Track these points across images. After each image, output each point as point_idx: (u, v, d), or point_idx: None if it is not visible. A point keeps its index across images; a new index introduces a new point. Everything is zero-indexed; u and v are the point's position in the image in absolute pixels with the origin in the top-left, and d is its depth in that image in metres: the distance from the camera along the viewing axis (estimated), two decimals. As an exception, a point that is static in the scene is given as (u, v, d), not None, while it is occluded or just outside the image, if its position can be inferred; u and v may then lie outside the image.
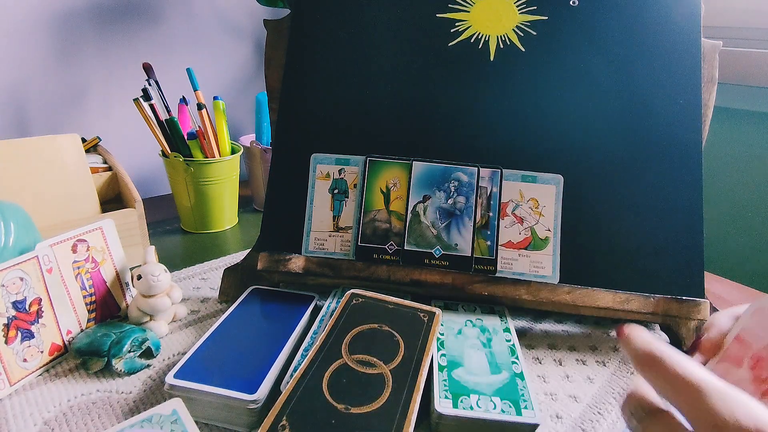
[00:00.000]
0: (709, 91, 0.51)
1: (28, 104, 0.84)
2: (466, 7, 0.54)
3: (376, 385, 0.37)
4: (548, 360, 0.48)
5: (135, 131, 0.93)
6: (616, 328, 0.26)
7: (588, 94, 0.52)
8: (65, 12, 0.83)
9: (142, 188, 0.98)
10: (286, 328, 0.46)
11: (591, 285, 0.49)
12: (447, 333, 0.46)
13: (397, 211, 0.52)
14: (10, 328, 0.41)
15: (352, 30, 0.54)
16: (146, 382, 0.43)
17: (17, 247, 0.44)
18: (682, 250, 0.49)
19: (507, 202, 0.51)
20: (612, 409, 0.42)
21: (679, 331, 0.49)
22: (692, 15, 0.52)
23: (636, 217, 0.50)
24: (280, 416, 0.34)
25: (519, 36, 0.53)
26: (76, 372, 0.44)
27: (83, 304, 0.47)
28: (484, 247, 0.50)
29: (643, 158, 0.51)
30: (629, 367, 0.47)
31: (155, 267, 0.48)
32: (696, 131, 0.51)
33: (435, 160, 0.52)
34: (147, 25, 0.92)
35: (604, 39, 0.52)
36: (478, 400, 0.38)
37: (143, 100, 0.67)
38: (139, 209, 0.62)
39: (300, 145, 0.53)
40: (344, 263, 0.51)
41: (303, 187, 0.53)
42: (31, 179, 0.58)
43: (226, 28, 1.02)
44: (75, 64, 0.86)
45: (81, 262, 0.48)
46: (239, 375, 0.39)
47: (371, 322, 0.44)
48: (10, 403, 0.40)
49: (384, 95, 0.53)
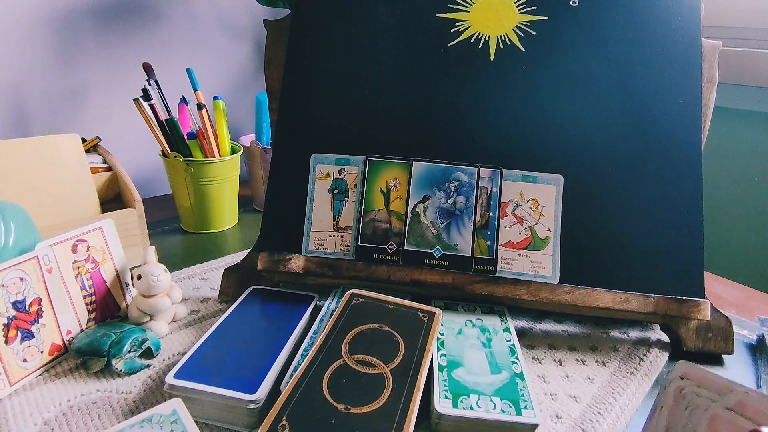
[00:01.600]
0: (709, 91, 0.51)
1: (28, 104, 0.84)
2: (466, 7, 0.54)
3: (376, 385, 0.37)
4: (548, 360, 0.48)
5: (135, 131, 0.93)
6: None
7: (588, 94, 0.52)
8: (65, 12, 0.83)
9: (142, 188, 0.98)
10: (286, 328, 0.46)
11: (591, 285, 0.49)
12: (447, 333, 0.46)
13: (397, 211, 0.52)
14: (10, 328, 0.41)
15: (352, 30, 0.54)
16: (146, 382, 0.43)
17: (17, 247, 0.44)
18: (682, 250, 0.49)
19: (507, 202, 0.51)
20: (612, 409, 0.42)
21: (679, 331, 0.49)
22: (692, 15, 0.52)
23: (636, 217, 0.50)
24: (280, 416, 0.34)
25: (519, 36, 0.53)
26: (76, 372, 0.44)
27: (83, 304, 0.47)
28: (484, 247, 0.50)
29: (643, 158, 0.51)
30: (629, 367, 0.47)
31: (155, 267, 0.48)
32: (696, 131, 0.51)
33: (435, 160, 0.52)
34: (147, 25, 0.92)
35: (604, 39, 0.52)
36: (478, 400, 0.38)
37: (143, 100, 0.67)
38: (139, 209, 0.62)
39: (300, 145, 0.53)
40: (344, 263, 0.51)
41: (303, 187, 0.53)
42: (31, 179, 0.58)
43: (226, 28, 1.02)
44: (75, 64, 0.86)
45: (81, 262, 0.48)
46: (239, 375, 0.39)
47: (371, 322, 0.44)
48: (10, 403, 0.40)
49: (384, 95, 0.53)
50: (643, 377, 0.46)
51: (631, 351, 0.50)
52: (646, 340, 0.52)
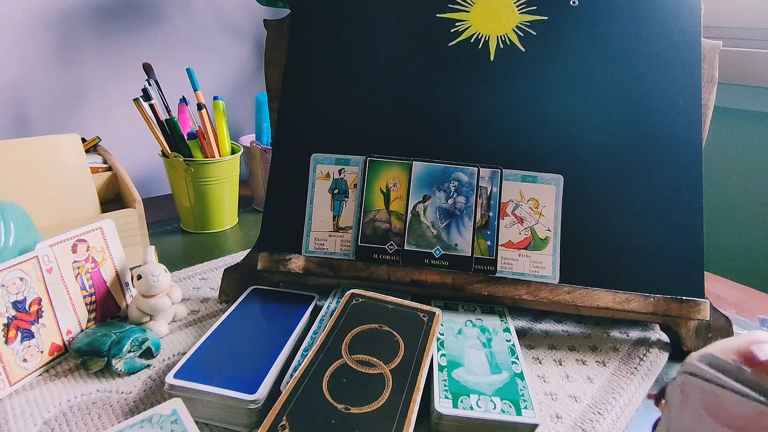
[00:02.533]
0: (709, 91, 0.52)
1: (28, 104, 0.84)
2: (466, 7, 0.54)
3: (376, 385, 0.37)
4: (548, 360, 0.48)
5: (135, 131, 0.93)
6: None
7: (588, 94, 0.52)
8: (65, 12, 0.83)
9: (142, 188, 0.98)
10: (286, 328, 0.46)
11: (591, 285, 0.49)
12: (447, 333, 0.46)
13: (397, 211, 0.52)
14: (10, 328, 0.41)
15: (352, 30, 0.54)
16: (146, 382, 0.43)
17: (17, 247, 0.44)
18: (682, 250, 0.49)
19: (507, 202, 0.51)
20: (612, 409, 0.42)
21: (679, 331, 0.49)
22: (692, 15, 0.52)
23: (636, 217, 0.50)
24: (280, 416, 0.34)
25: (519, 36, 0.53)
26: (76, 372, 0.44)
27: (83, 304, 0.47)
28: (484, 247, 0.50)
29: (643, 158, 0.51)
30: (629, 367, 0.47)
31: (155, 267, 0.48)
32: (696, 131, 0.51)
33: (435, 160, 0.52)
34: (147, 25, 0.92)
35: (604, 39, 0.52)
36: (478, 400, 0.38)
37: (143, 100, 0.67)
38: (139, 209, 0.62)
39: (300, 145, 0.53)
40: (344, 263, 0.51)
41: (303, 187, 0.53)
42: (31, 179, 0.58)
43: (226, 28, 1.02)
44: (75, 64, 0.86)
45: (81, 262, 0.48)
46: (239, 375, 0.39)
47: (371, 322, 0.44)
48: (10, 403, 0.40)
49: (384, 95, 0.53)
50: (643, 377, 0.46)
51: (631, 351, 0.50)
52: (646, 340, 0.52)
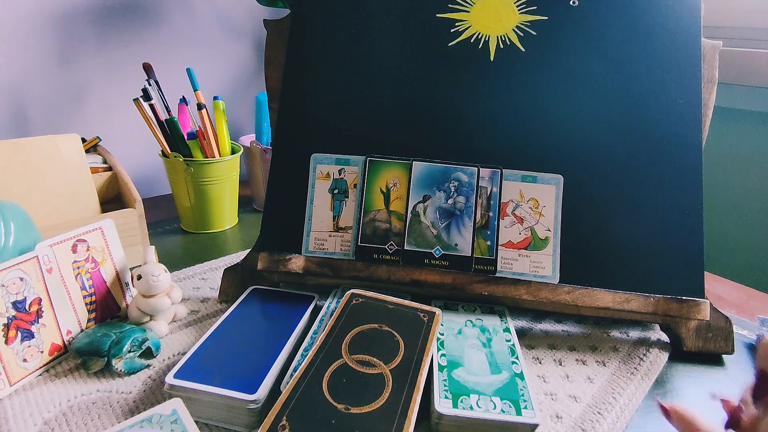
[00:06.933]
0: (709, 91, 0.52)
1: (28, 104, 0.84)
2: (466, 7, 0.54)
3: (376, 385, 0.37)
4: (548, 360, 0.48)
5: (135, 131, 0.93)
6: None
7: (588, 94, 0.52)
8: (65, 12, 0.83)
9: (142, 188, 0.98)
10: (286, 328, 0.46)
11: (591, 285, 0.49)
12: (447, 333, 0.46)
13: (397, 211, 0.52)
14: (10, 328, 0.41)
15: (352, 30, 0.54)
16: (146, 382, 0.43)
17: (17, 247, 0.44)
18: (682, 250, 0.49)
19: (507, 202, 0.51)
20: (612, 409, 0.42)
21: (679, 331, 0.49)
22: (692, 15, 0.52)
23: (636, 217, 0.50)
24: (280, 416, 0.34)
25: (519, 36, 0.53)
26: (76, 372, 0.44)
27: (83, 304, 0.47)
28: (484, 247, 0.50)
29: (643, 158, 0.51)
30: (629, 367, 0.47)
31: (155, 267, 0.48)
32: (696, 131, 0.51)
33: (435, 160, 0.52)
34: (147, 25, 0.92)
35: (604, 39, 0.52)
36: (478, 400, 0.38)
37: (143, 100, 0.67)
38: (139, 209, 0.62)
39: (300, 145, 0.53)
40: (344, 263, 0.51)
41: (303, 187, 0.53)
42: (31, 179, 0.58)
43: (226, 28, 1.02)
44: (75, 64, 0.86)
45: (81, 262, 0.48)
46: (239, 375, 0.39)
47: (371, 322, 0.44)
48: (10, 403, 0.40)
49: (384, 95, 0.53)
50: (643, 377, 0.46)
51: (631, 351, 0.50)
52: (646, 340, 0.52)
